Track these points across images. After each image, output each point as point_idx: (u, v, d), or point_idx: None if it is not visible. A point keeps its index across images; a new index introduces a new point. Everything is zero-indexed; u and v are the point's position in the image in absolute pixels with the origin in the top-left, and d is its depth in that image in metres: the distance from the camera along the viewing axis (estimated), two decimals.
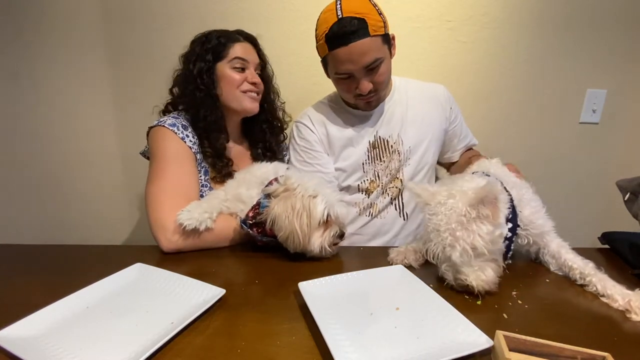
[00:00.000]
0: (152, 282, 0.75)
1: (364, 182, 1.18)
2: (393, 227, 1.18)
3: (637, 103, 1.56)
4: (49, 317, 0.62)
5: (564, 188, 1.64)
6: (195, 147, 1.06)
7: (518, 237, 0.82)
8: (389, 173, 1.17)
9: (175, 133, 1.02)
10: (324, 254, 0.88)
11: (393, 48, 1.10)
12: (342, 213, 0.90)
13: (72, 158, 1.61)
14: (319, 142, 1.18)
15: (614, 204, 1.03)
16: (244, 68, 1.09)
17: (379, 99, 1.14)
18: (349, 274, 0.77)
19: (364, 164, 1.17)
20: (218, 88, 1.07)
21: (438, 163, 1.31)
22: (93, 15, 1.46)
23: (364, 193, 1.18)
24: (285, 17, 1.45)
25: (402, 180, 1.18)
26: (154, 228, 0.92)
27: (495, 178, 0.83)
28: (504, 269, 0.79)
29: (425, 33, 1.47)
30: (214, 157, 1.08)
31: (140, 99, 1.46)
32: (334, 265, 0.88)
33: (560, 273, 0.81)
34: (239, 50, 1.08)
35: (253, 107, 1.12)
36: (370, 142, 1.17)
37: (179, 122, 1.05)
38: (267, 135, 1.22)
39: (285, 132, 1.30)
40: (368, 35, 0.97)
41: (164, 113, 1.15)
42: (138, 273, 0.78)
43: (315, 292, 0.70)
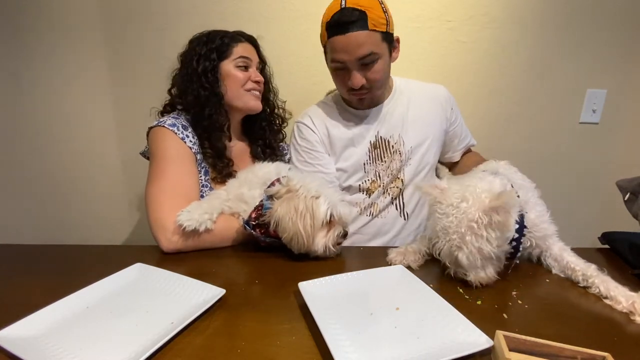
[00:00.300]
0: (152, 282, 0.75)
1: (365, 182, 1.18)
2: (394, 226, 1.18)
3: (637, 103, 1.56)
4: (49, 317, 0.62)
5: (564, 188, 1.64)
6: (196, 147, 1.06)
7: (524, 236, 0.81)
8: (390, 173, 1.17)
9: (175, 133, 1.02)
10: (328, 254, 0.89)
11: (395, 50, 1.09)
12: (344, 213, 0.90)
13: (72, 158, 1.61)
14: (320, 142, 1.18)
15: (614, 204, 1.03)
16: (247, 67, 1.10)
17: (373, 98, 1.13)
18: (349, 274, 0.77)
19: (365, 164, 1.17)
20: (222, 87, 1.07)
21: (439, 162, 1.31)
22: (92, 15, 1.46)
23: (365, 193, 1.18)
24: (285, 17, 1.45)
25: (403, 181, 1.18)
26: (154, 228, 0.92)
27: (507, 179, 0.82)
28: (506, 269, 0.80)
29: (425, 33, 1.47)
30: (215, 157, 1.08)
31: (140, 99, 1.46)
32: (334, 265, 0.88)
33: (563, 275, 0.81)
34: (242, 50, 1.09)
35: (256, 105, 1.13)
36: (372, 142, 1.17)
37: (179, 122, 1.05)
38: (266, 133, 1.22)
39: (285, 130, 1.31)
40: (366, 28, 0.98)
41: (162, 114, 1.15)
42: (138, 273, 0.78)
43: (315, 292, 0.70)
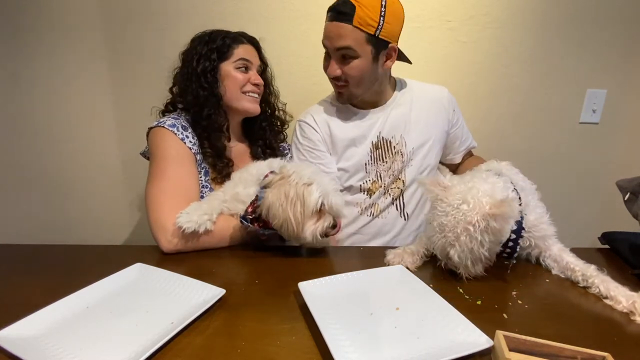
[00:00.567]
0: (152, 282, 0.75)
1: (366, 182, 1.18)
2: (394, 227, 1.19)
3: (637, 103, 1.56)
4: (49, 317, 0.62)
5: (564, 188, 1.64)
6: (195, 147, 1.06)
7: (522, 237, 0.81)
8: (392, 174, 1.17)
9: (175, 134, 1.02)
10: (316, 243, 0.87)
11: (386, 58, 1.08)
12: (337, 203, 0.87)
13: (72, 158, 1.61)
14: (322, 141, 1.18)
15: (614, 204, 1.03)
16: (247, 68, 1.10)
17: (351, 95, 1.12)
18: (349, 274, 0.77)
19: (367, 165, 1.17)
20: (221, 87, 1.07)
21: (441, 164, 1.31)
22: (92, 15, 1.46)
23: (366, 193, 1.18)
24: (285, 17, 1.45)
25: (404, 182, 1.18)
26: (154, 229, 0.92)
27: (509, 180, 0.83)
28: (504, 269, 0.81)
29: (426, 33, 1.47)
30: (214, 157, 1.08)
31: (140, 99, 1.46)
32: (334, 265, 0.88)
33: (563, 276, 0.81)
34: (243, 52, 1.09)
35: (254, 107, 1.13)
36: (373, 142, 1.17)
37: (179, 122, 1.05)
38: (267, 133, 1.22)
39: (286, 132, 1.30)
40: (350, 23, 0.99)
41: (164, 113, 1.15)
42: (138, 273, 0.78)
43: (315, 292, 0.70)
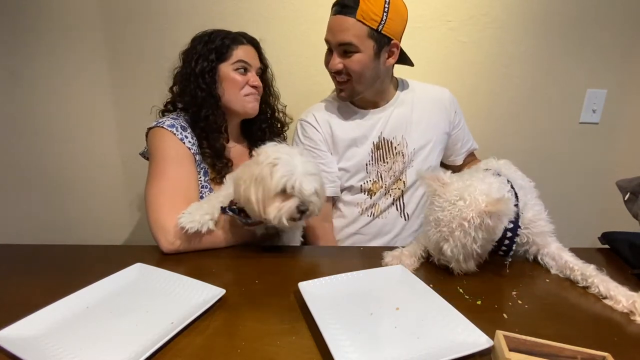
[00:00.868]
0: (152, 282, 0.75)
1: (367, 182, 1.18)
2: (394, 227, 1.19)
3: (637, 103, 1.56)
4: (49, 317, 0.62)
5: (564, 188, 1.63)
6: (195, 147, 1.05)
7: (518, 236, 0.82)
8: (393, 175, 1.17)
9: (174, 134, 1.02)
10: (280, 227, 0.87)
11: (388, 55, 1.08)
12: (306, 187, 0.80)
13: (71, 158, 1.61)
14: (324, 141, 1.17)
15: (614, 204, 1.03)
16: (246, 70, 1.09)
17: (352, 92, 1.12)
18: (349, 274, 0.77)
19: (368, 165, 1.17)
20: (220, 88, 1.07)
21: (442, 165, 1.31)
22: (92, 15, 1.46)
23: (367, 193, 1.18)
24: (285, 17, 1.45)
25: (405, 182, 1.18)
26: (154, 229, 0.92)
27: (507, 178, 0.83)
28: (502, 268, 0.82)
29: (426, 33, 1.47)
30: (213, 157, 1.08)
31: (140, 99, 1.45)
32: (334, 265, 0.88)
33: (562, 275, 0.81)
34: (242, 53, 1.08)
35: (253, 108, 1.12)
36: (375, 143, 1.17)
37: (178, 123, 1.05)
38: (266, 135, 1.21)
39: (286, 133, 1.30)
40: (353, 17, 0.99)
41: (164, 113, 1.15)
42: (138, 273, 0.78)
43: (315, 292, 0.70)
